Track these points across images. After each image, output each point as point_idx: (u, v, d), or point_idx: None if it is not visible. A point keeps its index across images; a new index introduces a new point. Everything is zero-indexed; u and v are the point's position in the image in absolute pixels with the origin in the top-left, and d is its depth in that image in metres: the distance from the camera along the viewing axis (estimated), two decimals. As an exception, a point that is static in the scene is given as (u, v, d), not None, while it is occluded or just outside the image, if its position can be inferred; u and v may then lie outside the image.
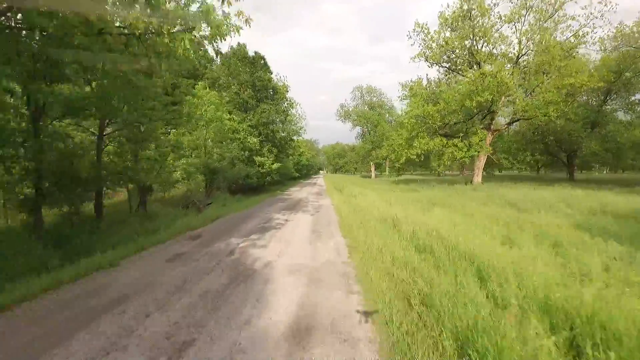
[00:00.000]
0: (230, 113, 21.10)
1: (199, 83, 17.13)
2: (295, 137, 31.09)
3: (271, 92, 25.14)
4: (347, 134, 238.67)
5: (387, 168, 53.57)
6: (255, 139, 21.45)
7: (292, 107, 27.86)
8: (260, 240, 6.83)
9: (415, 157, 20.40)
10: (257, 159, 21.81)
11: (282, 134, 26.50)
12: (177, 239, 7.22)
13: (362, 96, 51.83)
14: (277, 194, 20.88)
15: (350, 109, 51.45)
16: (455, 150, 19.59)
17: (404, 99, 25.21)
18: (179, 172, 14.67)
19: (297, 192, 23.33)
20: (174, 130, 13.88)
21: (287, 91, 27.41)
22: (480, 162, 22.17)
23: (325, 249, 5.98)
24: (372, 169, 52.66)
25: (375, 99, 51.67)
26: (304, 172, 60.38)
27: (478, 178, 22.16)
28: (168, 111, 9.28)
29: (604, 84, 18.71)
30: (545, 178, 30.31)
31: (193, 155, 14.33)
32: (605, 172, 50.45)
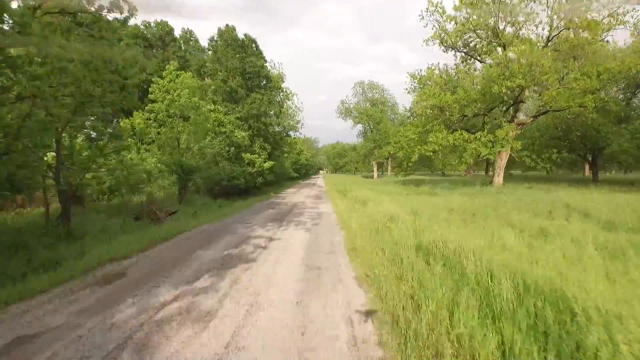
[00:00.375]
0: (215, 103, 18.12)
1: (171, 62, 14.11)
2: (292, 134, 28.11)
3: (264, 82, 22.13)
4: (347, 134, 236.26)
5: (389, 168, 50.51)
6: (244, 133, 18.44)
7: (288, 99, 24.87)
8: (209, 294, 3.78)
9: (431, 153, 17.39)
10: (247, 156, 18.78)
11: (277, 129, 23.47)
12: (77, 283, 4.24)
13: (363, 92, 48.81)
14: (269, 197, 17.89)
15: (351, 106, 48.38)
16: (479, 146, 16.56)
17: (412, 90, 22.30)
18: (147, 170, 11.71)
19: (293, 194, 20.34)
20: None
21: (283, 81, 24.46)
22: (502, 161, 19.23)
23: (327, 323, 2.99)
24: (375, 168, 49.70)
25: (377, 95, 48.74)
26: (303, 172, 57.50)
27: (499, 179, 19.21)
28: (100, 83, 6.26)
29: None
30: (562, 178, 27.16)
31: (141, 151, 11.30)
32: (613, 172, 47.42)
